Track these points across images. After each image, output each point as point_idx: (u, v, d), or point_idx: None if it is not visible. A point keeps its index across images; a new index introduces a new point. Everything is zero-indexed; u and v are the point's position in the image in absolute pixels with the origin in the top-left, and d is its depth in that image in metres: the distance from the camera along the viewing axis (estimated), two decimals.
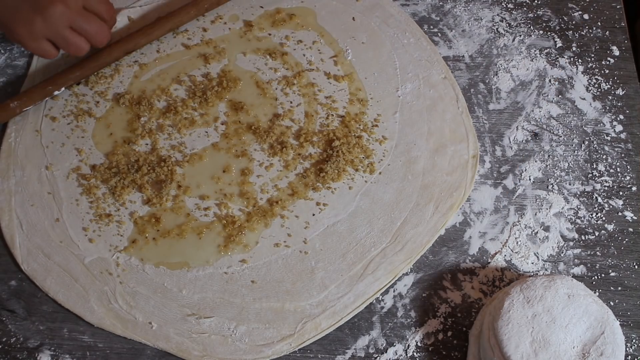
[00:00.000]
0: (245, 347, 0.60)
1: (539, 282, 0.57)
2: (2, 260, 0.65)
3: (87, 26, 0.67)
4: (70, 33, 0.67)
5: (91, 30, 0.67)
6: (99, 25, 0.68)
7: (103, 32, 0.68)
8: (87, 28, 0.67)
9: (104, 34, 0.69)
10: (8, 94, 0.73)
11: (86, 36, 0.67)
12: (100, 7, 0.69)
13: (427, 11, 0.79)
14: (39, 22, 0.64)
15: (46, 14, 0.64)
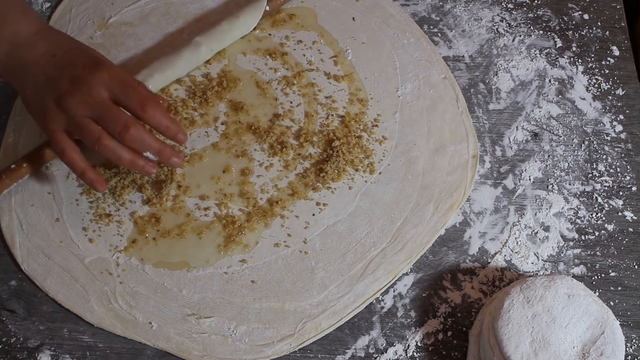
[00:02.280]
0: (245, 347, 0.60)
1: (539, 282, 0.57)
2: (2, 260, 0.65)
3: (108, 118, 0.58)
4: (88, 120, 0.58)
5: (115, 126, 0.58)
6: (123, 120, 0.58)
7: (130, 129, 0.58)
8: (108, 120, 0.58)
9: (134, 133, 0.58)
10: (8, 94, 0.73)
11: (109, 131, 0.58)
12: (130, 99, 0.59)
13: (427, 11, 0.79)
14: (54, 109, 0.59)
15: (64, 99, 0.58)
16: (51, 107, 0.59)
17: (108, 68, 0.60)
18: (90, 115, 0.58)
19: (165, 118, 0.60)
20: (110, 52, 0.75)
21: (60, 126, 0.59)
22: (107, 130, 0.58)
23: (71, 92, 0.58)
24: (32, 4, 0.79)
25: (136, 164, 0.59)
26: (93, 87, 0.58)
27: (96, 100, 0.58)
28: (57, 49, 0.61)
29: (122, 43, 0.75)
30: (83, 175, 0.60)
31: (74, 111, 0.58)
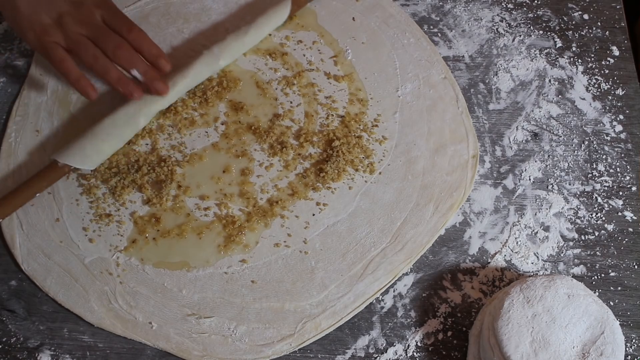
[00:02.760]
0: (245, 347, 0.60)
1: (538, 282, 0.57)
2: (2, 260, 0.65)
3: (103, 37, 0.64)
4: (85, 39, 0.65)
5: (110, 44, 0.64)
6: (117, 40, 0.65)
7: (123, 48, 0.64)
8: (103, 39, 0.64)
9: (125, 52, 0.64)
10: (8, 94, 0.73)
11: (102, 49, 0.65)
12: (120, 24, 0.66)
13: (427, 11, 0.79)
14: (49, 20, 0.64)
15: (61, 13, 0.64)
16: (49, 23, 0.64)
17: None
18: (86, 34, 0.64)
19: (148, 41, 0.66)
20: None
21: (55, 39, 0.64)
22: (101, 48, 0.64)
23: (71, 12, 0.65)
24: None
25: (122, 80, 0.64)
26: (91, 10, 0.65)
27: (93, 22, 0.65)
28: None
29: None
30: (78, 82, 0.64)
31: (73, 29, 0.64)
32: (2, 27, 0.78)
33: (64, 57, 0.64)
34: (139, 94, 0.65)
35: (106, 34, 0.65)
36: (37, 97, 0.72)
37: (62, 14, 0.64)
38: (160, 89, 0.66)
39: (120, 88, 0.64)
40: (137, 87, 0.65)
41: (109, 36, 0.64)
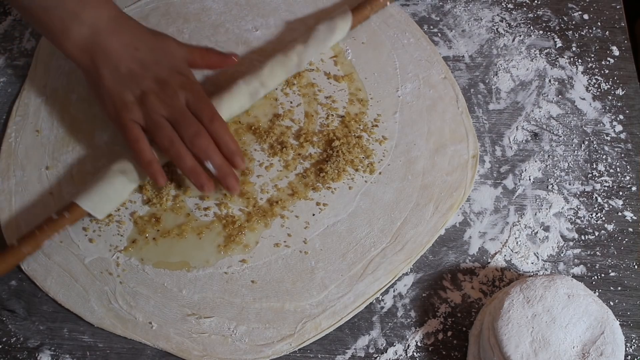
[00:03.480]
0: (245, 347, 0.60)
1: (538, 282, 0.57)
2: None
3: (183, 123, 0.61)
4: (165, 121, 0.62)
5: (189, 131, 0.61)
6: (197, 128, 0.61)
7: (202, 137, 0.61)
8: (182, 124, 0.61)
9: (203, 141, 0.61)
10: (8, 94, 0.73)
11: (181, 135, 0.62)
12: (203, 111, 0.62)
13: (427, 11, 0.79)
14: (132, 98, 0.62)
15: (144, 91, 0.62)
16: (131, 100, 0.62)
17: (188, 76, 0.65)
18: (167, 116, 0.62)
19: (229, 136, 0.63)
20: None
21: (134, 118, 0.62)
22: (179, 133, 0.62)
23: (155, 91, 0.62)
24: None
25: (196, 171, 0.62)
26: (175, 92, 0.62)
27: (175, 104, 0.62)
28: (139, 43, 0.63)
29: None
30: (149, 165, 0.62)
31: (154, 109, 0.62)
32: (2, 27, 0.78)
33: (139, 137, 0.62)
34: (209, 189, 0.62)
35: (187, 119, 0.62)
36: (37, 97, 0.72)
37: (146, 92, 0.62)
38: (232, 187, 0.62)
39: (192, 178, 0.62)
40: (209, 181, 0.62)
41: (189, 122, 0.62)
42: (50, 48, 0.75)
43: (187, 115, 0.62)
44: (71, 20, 0.61)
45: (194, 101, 0.63)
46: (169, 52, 0.65)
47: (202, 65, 0.68)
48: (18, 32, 0.77)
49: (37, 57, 0.75)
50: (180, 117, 0.62)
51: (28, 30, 0.77)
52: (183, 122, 0.62)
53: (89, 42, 0.62)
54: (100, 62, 0.62)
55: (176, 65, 0.65)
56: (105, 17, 0.63)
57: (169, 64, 0.64)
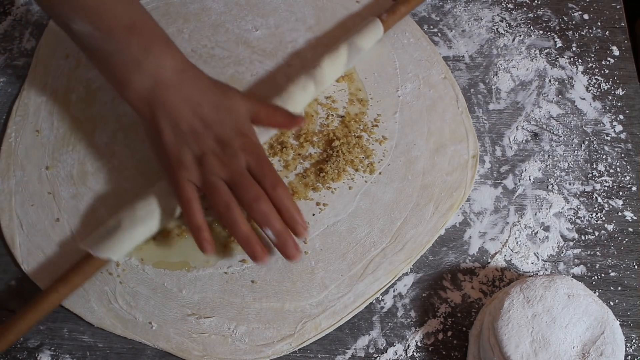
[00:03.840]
0: (245, 347, 0.60)
1: (539, 282, 0.57)
2: (2, 260, 0.65)
3: (243, 186, 0.58)
4: (223, 184, 0.58)
5: (248, 195, 0.58)
6: (257, 193, 0.58)
7: (263, 202, 0.58)
8: (242, 188, 0.58)
9: (264, 207, 0.58)
10: (8, 94, 0.73)
11: (239, 198, 0.58)
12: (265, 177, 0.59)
13: (427, 11, 0.79)
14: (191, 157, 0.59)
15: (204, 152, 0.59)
16: (189, 158, 0.59)
17: (251, 138, 0.61)
18: (225, 179, 0.59)
19: (291, 203, 0.59)
20: None
21: (191, 178, 0.59)
22: (238, 197, 0.58)
23: (216, 152, 0.59)
24: (31, 3, 0.79)
25: (250, 240, 0.58)
26: (236, 153, 0.59)
27: (235, 167, 0.59)
28: (203, 99, 0.60)
29: None
30: (198, 230, 0.58)
31: (212, 171, 0.58)
32: (2, 27, 0.78)
33: (192, 198, 0.58)
34: (263, 260, 0.58)
35: (247, 183, 0.58)
36: (37, 97, 0.72)
37: (206, 152, 0.59)
38: (293, 257, 0.59)
39: (245, 248, 0.58)
40: (264, 252, 0.58)
41: (250, 186, 0.58)
42: (50, 48, 0.75)
43: (247, 179, 0.58)
44: (133, 68, 0.58)
45: (255, 165, 0.59)
46: (233, 110, 0.61)
47: (267, 124, 0.64)
48: (18, 32, 0.77)
49: (37, 57, 0.75)
50: (240, 180, 0.58)
51: (28, 31, 0.77)
52: (243, 185, 0.58)
53: (150, 94, 0.59)
54: (161, 116, 0.59)
55: (239, 125, 0.61)
56: (169, 68, 0.59)
57: (231, 124, 0.61)
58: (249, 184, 0.58)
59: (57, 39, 0.76)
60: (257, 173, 0.59)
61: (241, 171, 0.59)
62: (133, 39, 0.58)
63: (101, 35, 0.58)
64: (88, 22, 0.58)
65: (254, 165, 0.59)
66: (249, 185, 0.58)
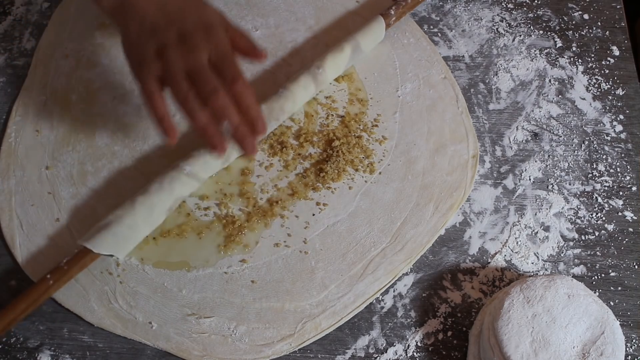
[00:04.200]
0: (245, 347, 0.60)
1: (539, 282, 0.57)
2: (2, 260, 0.65)
3: (202, 78, 0.57)
4: (182, 76, 0.58)
5: (205, 88, 0.57)
6: (214, 85, 0.57)
7: (219, 95, 0.57)
8: (200, 80, 0.57)
9: (220, 99, 0.57)
10: (8, 94, 0.73)
11: (198, 91, 0.58)
12: (226, 70, 0.58)
13: (427, 11, 0.79)
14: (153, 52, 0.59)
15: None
16: (150, 54, 0.59)
17: (216, 34, 0.60)
18: (186, 70, 0.58)
19: (250, 99, 0.58)
20: (110, 51, 0.75)
21: (153, 73, 0.59)
22: (197, 90, 0.57)
23: (175, 45, 0.58)
24: (31, 3, 0.79)
25: (207, 130, 0.58)
26: (197, 47, 0.58)
27: (196, 60, 0.58)
28: (168, 0, 0.60)
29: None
30: (161, 120, 0.58)
31: (172, 62, 0.58)
32: (2, 27, 0.78)
33: (154, 91, 0.58)
34: (222, 150, 0.58)
35: (205, 76, 0.57)
36: (37, 97, 0.72)
37: (166, 45, 0.58)
38: (251, 149, 0.58)
39: (205, 137, 0.58)
40: (222, 141, 0.58)
41: (208, 79, 0.57)
42: (50, 48, 0.75)
43: (206, 71, 0.58)
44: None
45: (216, 58, 0.58)
46: (201, 10, 0.61)
47: (232, 41, 0.62)
48: (18, 32, 0.77)
49: (37, 57, 0.75)
50: (199, 73, 0.57)
51: (28, 31, 0.77)
52: (201, 78, 0.57)
53: None
54: (129, 18, 0.60)
55: (205, 21, 0.60)
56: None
57: (197, 18, 0.60)
58: (207, 76, 0.57)
59: (57, 39, 0.76)
60: (218, 66, 0.58)
61: (201, 64, 0.58)
62: None
63: None
64: None
65: (215, 58, 0.59)
66: (207, 78, 0.57)
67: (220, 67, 0.58)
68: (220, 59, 0.59)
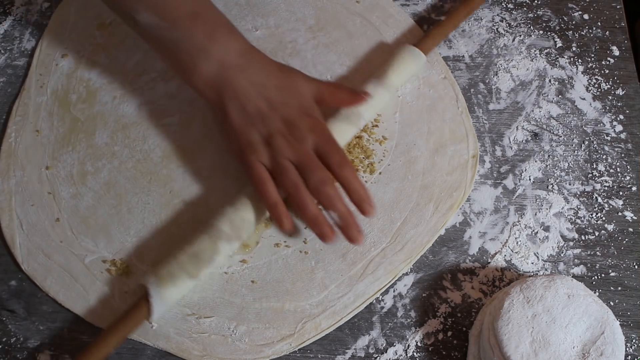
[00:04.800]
0: (245, 347, 0.60)
1: (539, 282, 0.57)
2: (2, 260, 0.65)
3: (310, 168, 0.58)
4: (291, 165, 0.59)
5: (314, 178, 0.58)
6: (323, 175, 0.59)
7: (328, 185, 0.58)
8: (309, 170, 0.58)
9: (329, 190, 0.58)
10: (8, 94, 0.73)
11: (305, 180, 0.59)
12: (331, 157, 0.59)
13: (427, 11, 0.79)
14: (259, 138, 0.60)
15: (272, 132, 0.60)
16: (257, 140, 0.60)
17: (317, 118, 0.62)
18: (293, 160, 0.59)
19: (357, 182, 0.60)
20: (110, 52, 0.75)
21: (260, 159, 0.60)
22: (305, 178, 0.59)
23: (283, 133, 0.60)
24: (31, 3, 0.79)
25: (318, 220, 0.59)
26: (303, 135, 0.60)
27: (303, 148, 0.60)
28: (268, 81, 0.61)
29: (121, 43, 0.75)
30: (275, 207, 0.59)
31: (281, 152, 0.59)
32: (2, 27, 0.78)
33: (264, 178, 0.60)
34: (332, 239, 0.59)
35: (313, 165, 0.59)
36: (37, 97, 0.72)
37: (273, 133, 0.60)
38: (356, 239, 0.59)
39: (314, 228, 0.59)
40: (332, 231, 0.59)
41: (316, 167, 0.59)
42: (50, 48, 0.75)
43: (314, 160, 0.59)
44: (199, 55, 0.60)
45: (322, 145, 0.60)
46: (298, 91, 0.63)
47: (331, 103, 0.65)
48: (18, 32, 0.77)
49: (37, 57, 0.75)
50: (307, 162, 0.59)
51: (28, 31, 0.77)
52: (310, 167, 0.59)
53: (216, 78, 0.60)
54: (228, 99, 0.60)
55: (304, 105, 0.62)
56: (233, 52, 0.61)
57: (297, 104, 0.62)
58: (316, 166, 0.59)
59: (57, 39, 0.76)
60: (323, 153, 0.60)
61: (308, 153, 0.60)
62: (198, 27, 0.60)
63: (166, 25, 0.60)
64: (153, 12, 0.59)
65: (320, 146, 0.60)
66: (315, 168, 0.59)
67: (326, 154, 0.60)
68: (326, 145, 0.60)
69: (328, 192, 0.59)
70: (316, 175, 0.59)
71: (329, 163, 0.60)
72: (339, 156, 0.60)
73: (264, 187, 0.59)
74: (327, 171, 0.59)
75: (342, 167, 0.60)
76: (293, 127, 0.60)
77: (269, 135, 0.60)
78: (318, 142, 0.60)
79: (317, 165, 0.59)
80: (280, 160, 0.59)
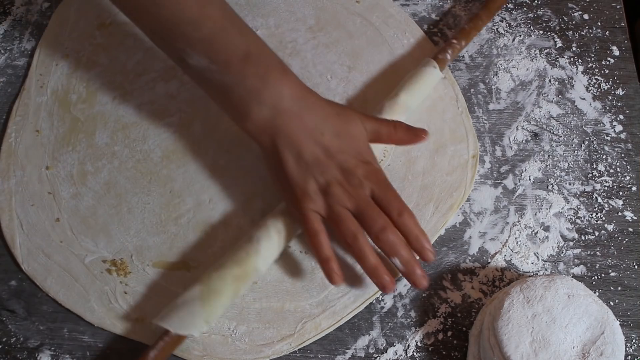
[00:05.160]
0: (245, 346, 0.60)
1: (539, 282, 0.57)
2: (2, 260, 0.65)
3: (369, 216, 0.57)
4: (349, 214, 0.58)
5: (376, 226, 0.57)
6: (384, 223, 0.57)
7: (390, 232, 0.57)
8: (368, 218, 0.57)
9: (391, 236, 0.57)
10: (8, 94, 0.73)
11: (365, 229, 0.58)
12: (391, 204, 0.58)
13: (427, 11, 0.79)
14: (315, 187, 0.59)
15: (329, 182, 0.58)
16: (314, 189, 0.58)
17: (374, 165, 0.61)
18: (351, 209, 0.58)
19: (418, 229, 0.59)
20: (110, 51, 0.75)
21: (316, 208, 0.59)
22: (364, 227, 0.58)
23: (341, 182, 0.58)
24: (31, 3, 0.79)
25: (378, 271, 0.58)
26: (361, 182, 0.59)
27: (361, 197, 0.58)
28: (324, 127, 0.59)
29: (121, 43, 0.75)
30: (327, 262, 0.58)
31: (338, 201, 0.58)
32: (2, 27, 0.78)
33: (320, 230, 0.59)
34: (391, 289, 0.58)
35: (373, 213, 0.58)
36: (37, 97, 0.72)
37: (330, 182, 0.58)
38: (421, 284, 0.58)
39: (374, 279, 0.58)
40: (392, 282, 0.58)
41: (376, 216, 0.58)
42: (50, 48, 0.75)
43: (373, 208, 0.58)
44: (252, 99, 0.58)
45: (380, 193, 0.59)
46: (354, 136, 0.61)
47: (389, 142, 0.64)
48: (18, 32, 0.77)
49: (37, 57, 0.75)
50: (367, 210, 0.58)
51: (28, 31, 0.77)
52: (369, 215, 0.58)
53: (270, 124, 0.58)
54: (283, 146, 0.58)
55: (361, 151, 0.61)
56: (287, 97, 0.58)
57: (354, 151, 0.60)
58: (375, 214, 0.58)
59: (57, 39, 0.76)
60: (382, 200, 0.59)
61: (367, 200, 0.58)
62: (250, 69, 0.57)
63: (218, 68, 0.57)
64: (204, 55, 0.57)
65: (378, 193, 0.59)
66: (376, 216, 0.58)
67: (384, 201, 0.59)
68: (383, 192, 0.59)
69: (390, 239, 0.57)
70: (377, 223, 0.57)
71: (388, 210, 0.58)
72: (397, 203, 0.59)
73: (317, 240, 0.58)
74: (386, 218, 0.58)
75: (401, 215, 0.58)
76: (350, 175, 0.59)
77: (326, 184, 0.58)
78: (375, 189, 0.59)
79: (376, 212, 0.58)
80: (338, 209, 0.58)
